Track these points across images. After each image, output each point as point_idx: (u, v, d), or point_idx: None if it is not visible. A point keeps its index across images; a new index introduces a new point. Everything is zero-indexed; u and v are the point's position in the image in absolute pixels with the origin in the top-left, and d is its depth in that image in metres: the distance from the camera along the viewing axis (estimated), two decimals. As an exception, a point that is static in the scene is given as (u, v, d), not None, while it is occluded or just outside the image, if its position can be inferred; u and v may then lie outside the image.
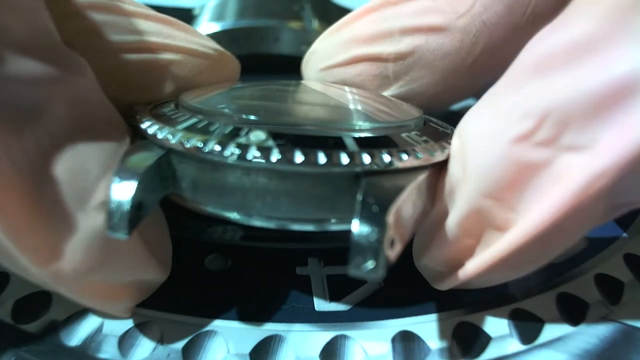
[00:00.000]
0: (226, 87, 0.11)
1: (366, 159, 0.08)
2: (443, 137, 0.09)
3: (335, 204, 0.08)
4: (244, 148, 0.08)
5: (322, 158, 0.08)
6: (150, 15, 0.11)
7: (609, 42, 0.07)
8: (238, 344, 0.09)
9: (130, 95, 0.10)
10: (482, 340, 0.09)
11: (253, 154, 0.08)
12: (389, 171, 0.08)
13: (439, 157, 0.09)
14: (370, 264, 0.07)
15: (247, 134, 0.08)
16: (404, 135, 0.09)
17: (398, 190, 0.08)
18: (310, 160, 0.08)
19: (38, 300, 0.10)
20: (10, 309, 0.10)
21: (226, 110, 0.09)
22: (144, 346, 0.09)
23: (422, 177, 0.08)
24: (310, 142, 0.08)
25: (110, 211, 0.08)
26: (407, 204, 0.08)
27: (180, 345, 0.09)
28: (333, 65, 0.12)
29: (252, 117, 0.09)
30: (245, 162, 0.08)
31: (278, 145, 0.08)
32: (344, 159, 0.08)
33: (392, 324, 0.10)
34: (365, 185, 0.08)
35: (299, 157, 0.08)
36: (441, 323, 0.10)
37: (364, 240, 0.07)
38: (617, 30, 0.07)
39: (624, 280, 0.11)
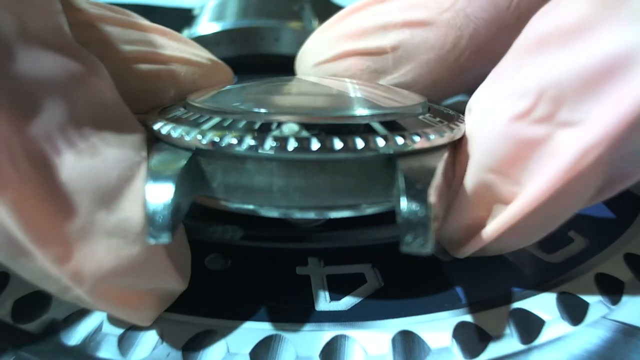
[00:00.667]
0: (230, 86, 0.11)
1: (399, 140, 0.08)
2: (451, 118, 0.10)
3: (371, 188, 0.08)
4: (282, 141, 0.08)
5: (360, 143, 0.08)
6: (142, 25, 0.11)
7: (599, 22, 0.07)
8: (238, 344, 0.09)
9: (127, 104, 0.10)
10: (482, 339, 0.09)
11: (293, 145, 0.08)
12: (420, 151, 0.08)
13: (458, 134, 0.09)
14: (421, 240, 0.07)
15: (278, 127, 0.08)
16: (420, 117, 0.09)
17: (431, 169, 0.08)
18: (349, 146, 0.08)
19: (38, 300, 0.10)
20: (10, 309, 0.10)
21: (246, 107, 0.09)
22: (144, 345, 0.09)
23: (446, 154, 0.09)
24: (342, 130, 0.08)
25: (150, 215, 0.08)
26: (441, 181, 0.08)
27: (180, 344, 0.09)
28: (323, 61, 0.13)
29: (278, 111, 0.09)
30: (285, 153, 0.08)
31: (314, 135, 0.08)
32: (380, 142, 0.08)
33: (392, 323, 0.10)
34: (402, 166, 0.08)
35: (338, 144, 0.08)
36: (441, 323, 0.10)
37: (414, 217, 0.07)
38: (607, 10, 0.07)
39: (624, 280, 0.11)
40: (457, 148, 0.09)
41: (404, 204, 0.07)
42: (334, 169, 0.08)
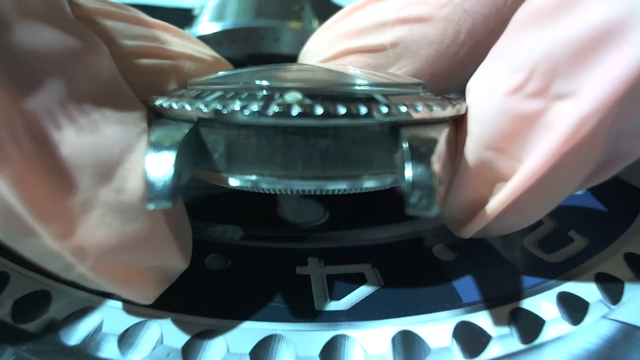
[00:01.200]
0: (232, 70, 0.11)
1: (402, 109, 0.08)
2: (452, 99, 0.10)
3: (373, 157, 0.08)
4: (286, 107, 0.08)
5: (363, 109, 0.08)
6: (146, 21, 0.11)
7: None
8: (238, 344, 0.09)
9: None
10: (482, 339, 0.09)
11: (297, 110, 0.08)
12: (423, 122, 0.08)
13: (461, 110, 0.09)
14: (426, 202, 0.07)
15: (281, 96, 0.08)
16: (422, 94, 0.09)
17: (434, 138, 0.08)
18: (352, 112, 0.08)
19: (38, 300, 0.10)
20: (10, 309, 0.10)
21: (249, 81, 0.09)
22: (144, 345, 0.09)
23: (448, 129, 0.09)
24: (345, 99, 0.08)
25: (151, 181, 0.08)
26: (442, 151, 0.08)
27: (180, 344, 0.09)
28: (325, 60, 0.13)
29: (281, 83, 0.09)
30: (289, 119, 0.08)
31: (317, 102, 0.08)
32: (384, 109, 0.08)
33: (392, 323, 0.10)
34: (405, 134, 0.08)
35: (341, 110, 0.08)
36: (441, 322, 0.10)
37: (419, 179, 0.07)
38: None
39: (625, 280, 0.11)
40: (459, 127, 0.09)
41: (409, 166, 0.08)
42: (336, 137, 0.08)
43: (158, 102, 0.09)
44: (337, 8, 0.21)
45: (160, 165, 0.08)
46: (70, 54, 0.08)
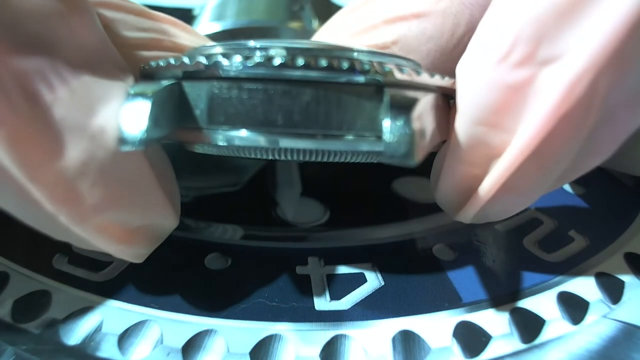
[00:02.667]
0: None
1: (387, 68, 0.08)
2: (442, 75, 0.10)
3: (356, 117, 0.08)
4: (268, 59, 0.08)
5: (345, 64, 0.08)
6: (155, 15, 0.11)
7: None
8: (238, 344, 0.09)
9: None
10: (482, 339, 0.09)
11: (279, 61, 0.08)
12: (407, 84, 0.08)
13: (448, 82, 0.09)
14: (404, 150, 0.08)
15: (266, 51, 0.08)
16: (410, 64, 0.09)
17: (416, 98, 0.08)
18: (334, 66, 0.08)
19: (37, 300, 0.10)
20: (10, 308, 0.10)
21: (238, 43, 0.09)
22: (144, 345, 0.09)
23: (434, 95, 0.09)
24: (330, 56, 0.08)
25: (124, 124, 0.08)
26: (425, 113, 0.08)
27: (180, 344, 0.09)
28: None
29: (265, 42, 0.09)
30: (271, 70, 0.08)
31: (300, 55, 0.08)
32: (367, 65, 0.08)
33: (392, 323, 0.10)
34: (389, 93, 0.08)
35: (323, 63, 0.08)
36: (442, 322, 0.10)
37: (396, 127, 0.08)
38: None
39: (625, 279, 0.11)
40: (452, 108, 0.09)
41: (387, 117, 0.08)
42: (318, 93, 0.08)
43: (145, 65, 0.09)
44: (337, 8, 0.21)
45: (136, 110, 0.08)
46: (58, 14, 0.08)
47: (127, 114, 0.08)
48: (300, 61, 0.08)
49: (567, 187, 0.14)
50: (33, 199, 0.07)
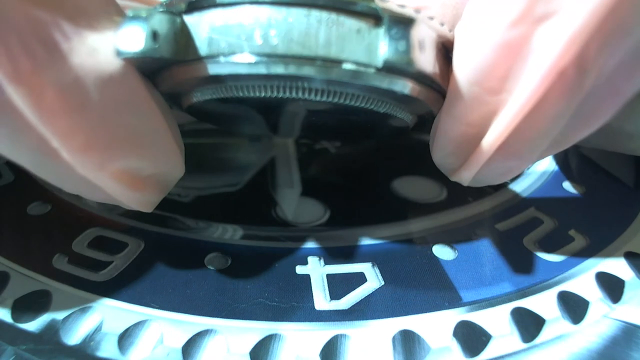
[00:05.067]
0: None
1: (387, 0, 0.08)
2: None
3: (355, 44, 0.08)
4: None
5: None
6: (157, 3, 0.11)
7: None
8: (238, 343, 0.09)
9: None
10: (482, 338, 0.09)
11: None
12: (408, 19, 0.08)
13: (446, 32, 0.09)
14: (403, 55, 0.08)
15: None
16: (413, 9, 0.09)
17: (414, 19, 0.08)
18: None
19: (37, 300, 0.10)
20: (10, 308, 0.10)
21: None
22: (144, 345, 0.09)
23: (433, 33, 0.09)
24: None
25: (121, 33, 0.08)
26: (423, 36, 0.08)
27: (179, 344, 0.09)
28: None
29: None
30: None
31: None
32: None
33: (392, 323, 0.10)
34: (387, 15, 0.08)
35: None
36: (442, 322, 0.10)
37: (396, 32, 0.08)
38: None
39: (625, 279, 0.11)
40: (450, 67, 0.09)
41: (386, 27, 0.08)
42: (318, 17, 0.08)
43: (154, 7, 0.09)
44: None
45: (134, 24, 0.08)
46: None
47: (126, 28, 0.08)
48: None
49: (567, 186, 0.14)
50: (52, 148, 0.08)
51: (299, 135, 0.16)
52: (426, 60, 0.08)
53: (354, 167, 0.16)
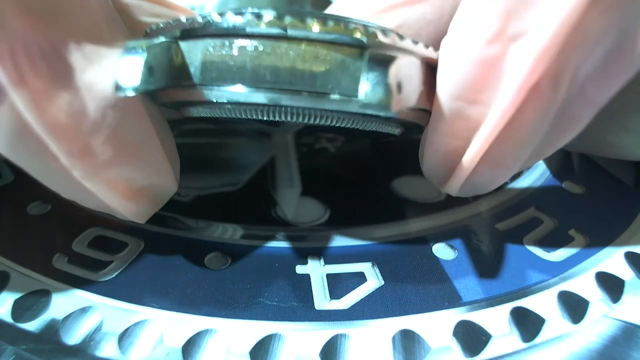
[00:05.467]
0: None
1: (370, 30, 0.09)
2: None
3: (340, 77, 0.09)
4: (258, 16, 0.08)
5: (330, 23, 0.08)
6: (169, 3, 0.12)
7: None
8: (238, 343, 0.09)
9: None
10: (482, 338, 0.09)
11: (268, 19, 0.08)
12: (390, 47, 0.09)
13: (431, 53, 0.09)
14: (379, 97, 0.08)
15: (257, 14, 0.09)
16: (397, 34, 0.10)
17: (395, 57, 0.09)
18: (320, 25, 0.08)
19: (37, 299, 0.10)
20: (10, 308, 0.10)
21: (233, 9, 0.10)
22: (144, 345, 0.09)
23: (417, 61, 0.09)
24: (316, 16, 0.09)
25: (119, 69, 0.08)
26: (405, 72, 0.09)
27: (179, 344, 0.09)
28: None
29: (257, 9, 0.09)
30: (260, 28, 0.08)
31: (288, 14, 0.08)
32: (351, 26, 0.08)
33: (392, 322, 0.10)
34: (369, 51, 0.09)
35: (310, 22, 0.08)
36: (441, 321, 0.10)
37: (373, 77, 0.08)
38: None
39: (625, 279, 0.11)
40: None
41: (365, 72, 0.08)
42: (305, 51, 0.09)
43: (150, 28, 0.10)
44: (337, 8, 0.21)
45: (132, 59, 0.08)
46: None
47: (123, 63, 0.08)
48: (289, 19, 0.08)
49: (567, 186, 0.14)
50: (51, 153, 0.08)
51: (299, 130, 0.16)
52: (406, 97, 0.09)
53: (354, 167, 0.16)
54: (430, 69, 0.10)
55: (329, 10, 0.13)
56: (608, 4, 0.07)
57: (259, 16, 0.08)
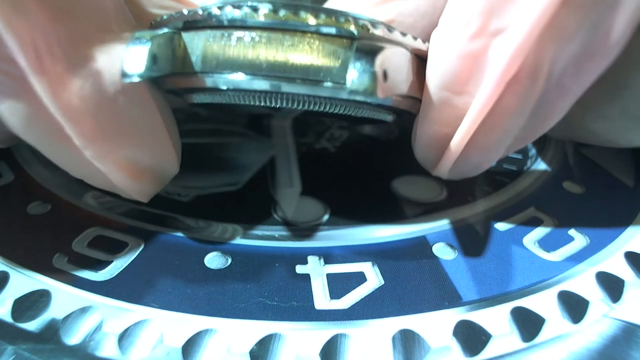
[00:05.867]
0: None
1: (361, 22, 0.09)
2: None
3: (332, 66, 0.09)
4: (255, 9, 0.09)
5: (322, 16, 0.09)
6: None
7: None
8: (238, 343, 0.09)
9: None
10: (482, 338, 0.09)
11: (264, 12, 0.09)
12: (379, 39, 0.09)
13: (420, 44, 0.10)
14: (365, 84, 0.09)
15: (254, 7, 0.09)
16: (387, 26, 0.10)
17: (382, 47, 0.09)
18: (313, 17, 0.09)
19: (37, 299, 0.10)
20: (10, 308, 0.10)
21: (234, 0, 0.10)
22: (144, 345, 0.09)
23: (406, 52, 0.10)
24: (313, 10, 0.09)
25: (125, 57, 0.09)
26: (392, 61, 0.09)
27: (179, 343, 0.09)
28: None
29: (255, 2, 0.09)
30: (256, 20, 0.09)
31: (283, 7, 0.09)
32: (342, 19, 0.09)
33: (392, 322, 0.10)
34: (358, 42, 0.09)
35: (303, 14, 0.09)
36: (441, 321, 0.10)
37: (361, 64, 0.09)
38: None
39: (625, 278, 0.11)
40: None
41: (353, 61, 0.09)
42: (298, 40, 0.09)
43: (155, 20, 0.10)
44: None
45: (137, 47, 0.09)
46: None
47: (129, 51, 0.09)
48: (283, 12, 0.09)
49: (567, 186, 0.14)
50: (65, 134, 0.09)
51: (299, 131, 0.17)
52: (393, 85, 0.09)
53: (354, 167, 0.16)
54: (420, 60, 0.10)
55: (327, 3, 0.13)
56: (578, 3, 0.08)
57: (255, 9, 0.09)
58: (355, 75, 0.09)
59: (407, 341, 0.09)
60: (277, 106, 0.10)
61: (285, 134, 0.17)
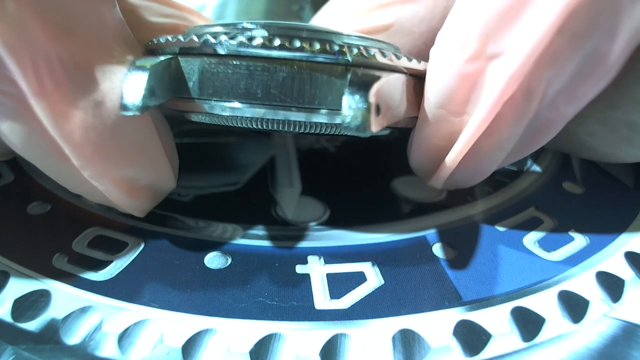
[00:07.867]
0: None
1: (355, 50, 0.09)
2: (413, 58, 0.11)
3: (326, 94, 0.09)
4: (250, 39, 0.09)
5: (317, 45, 0.09)
6: (176, 4, 0.12)
7: None
8: (238, 343, 0.09)
9: None
10: (482, 337, 0.09)
11: (258, 42, 0.09)
12: (373, 65, 0.09)
13: (415, 65, 0.10)
14: (358, 121, 0.09)
15: (250, 33, 0.09)
16: (385, 47, 0.10)
17: (377, 76, 0.09)
18: (307, 47, 0.09)
19: (37, 299, 0.10)
20: (10, 308, 0.10)
21: (228, 23, 0.10)
22: (144, 344, 0.09)
23: (400, 76, 0.10)
24: (306, 38, 0.09)
25: (124, 90, 0.09)
26: (387, 90, 0.09)
27: (179, 343, 0.09)
28: None
29: (254, 24, 0.10)
30: (251, 49, 0.09)
31: (277, 36, 0.09)
32: (336, 46, 0.09)
33: (392, 322, 0.10)
34: (352, 71, 0.09)
35: (297, 44, 0.09)
36: (441, 321, 0.10)
37: (353, 101, 0.09)
38: None
39: (625, 278, 0.11)
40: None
41: (346, 94, 0.09)
42: (292, 69, 0.09)
43: (151, 41, 0.10)
44: (337, 8, 0.21)
45: (135, 81, 0.09)
46: (90, 5, 0.09)
47: (127, 84, 0.09)
48: (277, 42, 0.09)
49: (567, 186, 0.14)
50: (64, 155, 0.09)
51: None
52: (387, 118, 0.09)
53: (354, 167, 0.16)
54: (417, 78, 0.10)
55: (325, 9, 0.13)
56: (573, 32, 0.08)
57: (250, 39, 0.09)
58: (348, 110, 0.09)
59: (407, 341, 0.09)
60: (275, 130, 0.10)
61: (285, 134, 0.17)
